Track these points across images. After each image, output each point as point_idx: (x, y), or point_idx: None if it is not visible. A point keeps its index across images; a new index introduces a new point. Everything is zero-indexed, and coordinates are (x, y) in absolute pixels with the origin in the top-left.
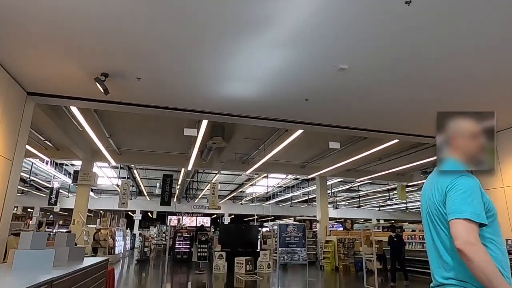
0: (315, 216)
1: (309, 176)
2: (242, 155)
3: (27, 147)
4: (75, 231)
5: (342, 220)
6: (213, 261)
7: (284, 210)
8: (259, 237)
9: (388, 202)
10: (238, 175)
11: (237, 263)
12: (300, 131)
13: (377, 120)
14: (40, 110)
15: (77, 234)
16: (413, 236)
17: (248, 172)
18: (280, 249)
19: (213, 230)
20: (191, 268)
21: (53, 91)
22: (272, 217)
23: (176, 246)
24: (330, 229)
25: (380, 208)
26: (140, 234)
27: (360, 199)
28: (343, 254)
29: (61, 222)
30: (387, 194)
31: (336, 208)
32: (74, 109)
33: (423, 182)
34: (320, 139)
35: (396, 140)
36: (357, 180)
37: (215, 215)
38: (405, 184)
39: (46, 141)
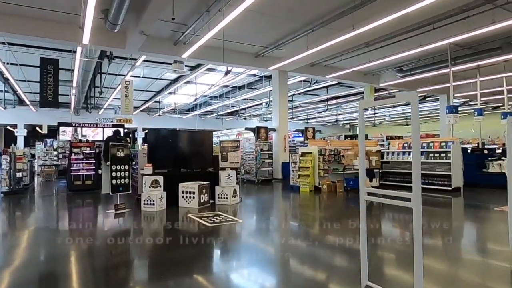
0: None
1: (269, 69)
2: (175, 27)
3: None
4: None
5: (303, 129)
6: (138, 191)
7: (208, 124)
8: (213, 149)
9: (316, 114)
10: (156, 79)
11: (183, 192)
12: None
13: None
14: None
15: None
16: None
17: (184, 55)
18: None
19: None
20: (100, 203)
21: None
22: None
23: (73, 168)
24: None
25: (308, 121)
26: (4, 152)
27: (294, 110)
28: (322, 170)
29: None
30: (325, 104)
31: (265, 120)
32: None
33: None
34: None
35: None
36: (326, 77)
37: (126, 130)
38: (374, 86)
39: None
